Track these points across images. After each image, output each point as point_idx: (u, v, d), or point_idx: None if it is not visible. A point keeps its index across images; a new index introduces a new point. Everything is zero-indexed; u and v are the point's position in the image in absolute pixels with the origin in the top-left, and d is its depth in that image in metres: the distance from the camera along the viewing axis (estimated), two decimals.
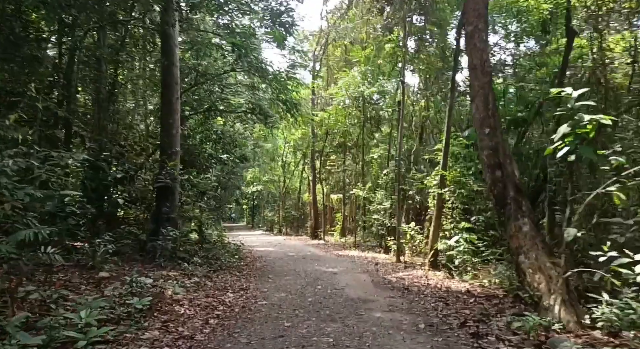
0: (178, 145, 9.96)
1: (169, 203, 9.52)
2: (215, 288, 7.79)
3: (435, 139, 17.05)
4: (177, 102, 9.88)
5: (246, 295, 7.50)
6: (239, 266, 11.16)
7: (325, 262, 12.40)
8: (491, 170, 6.08)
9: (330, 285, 8.54)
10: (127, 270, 7.71)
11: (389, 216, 15.16)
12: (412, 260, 12.13)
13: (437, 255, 10.33)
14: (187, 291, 7.09)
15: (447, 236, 10.60)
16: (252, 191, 39.81)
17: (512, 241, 5.67)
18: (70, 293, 5.82)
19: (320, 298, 7.19)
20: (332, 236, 22.98)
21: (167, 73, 9.79)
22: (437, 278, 9.21)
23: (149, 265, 8.37)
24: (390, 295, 7.39)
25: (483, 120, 6.27)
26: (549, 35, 10.36)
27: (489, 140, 6.16)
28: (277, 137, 34.46)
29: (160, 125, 10.13)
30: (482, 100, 6.31)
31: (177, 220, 9.76)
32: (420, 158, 16.36)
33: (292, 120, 16.08)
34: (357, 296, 7.34)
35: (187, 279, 7.83)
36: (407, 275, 9.62)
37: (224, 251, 12.34)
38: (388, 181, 16.08)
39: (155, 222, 9.38)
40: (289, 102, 15.23)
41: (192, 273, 8.22)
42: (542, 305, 4.96)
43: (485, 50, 6.55)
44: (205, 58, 15.18)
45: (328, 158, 24.97)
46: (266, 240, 23.41)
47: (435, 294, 7.45)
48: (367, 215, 18.83)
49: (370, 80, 16.93)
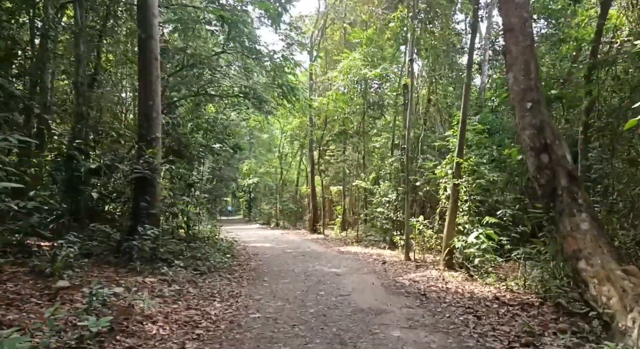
0: (159, 130, 8.73)
1: (148, 196, 8.32)
2: (200, 296, 6.63)
3: (443, 126, 15.88)
4: (157, 82, 8.64)
5: (236, 305, 6.35)
6: (231, 266, 10.01)
7: (326, 260, 11.27)
8: (535, 153, 4.92)
9: (335, 289, 7.40)
10: (94, 276, 6.54)
11: (394, 209, 14.02)
12: (422, 258, 11.01)
13: (453, 253, 9.21)
14: (164, 302, 5.93)
15: (462, 232, 9.49)
16: (248, 183, 38.63)
17: (566, 242, 4.53)
18: (13, 310, 4.66)
19: (324, 309, 6.05)
20: (332, 230, 21.86)
21: (145, 48, 8.53)
22: (456, 280, 8.09)
23: (123, 269, 7.19)
24: (407, 304, 6.26)
25: (524, 92, 5.08)
26: (579, 4, 9.12)
27: (532, 117, 4.98)
28: (274, 127, 33.26)
29: (138, 108, 8.89)
30: (522, 69, 5.12)
31: (158, 216, 8.57)
32: (425, 147, 15.20)
33: (289, 106, 14.84)
34: (367, 305, 6.21)
35: (166, 286, 6.66)
36: (420, 276, 8.50)
37: (215, 249, 11.18)
38: (392, 171, 14.93)
39: (133, 219, 8.19)
40: (285, 86, 14.01)
41: (173, 278, 7.05)
42: (615, 327, 3.83)
43: (526, 6, 5.33)
44: (194, 39, 13.92)
45: (327, 148, 23.77)
46: (263, 234, 22.27)
47: (460, 302, 6.33)
48: (369, 208, 17.69)
49: (372, 62, 15.66)
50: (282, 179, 31.85)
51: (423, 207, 15.22)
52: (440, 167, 10.82)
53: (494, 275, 7.90)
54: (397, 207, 14.02)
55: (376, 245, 14.98)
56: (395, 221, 14.15)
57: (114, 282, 6.40)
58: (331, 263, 10.63)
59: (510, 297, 6.60)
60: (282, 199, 30.86)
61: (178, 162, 13.24)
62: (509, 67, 5.32)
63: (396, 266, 9.98)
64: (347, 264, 10.52)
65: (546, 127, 4.91)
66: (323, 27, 23.60)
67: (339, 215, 22.13)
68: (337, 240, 17.70)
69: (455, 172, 9.23)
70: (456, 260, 9.29)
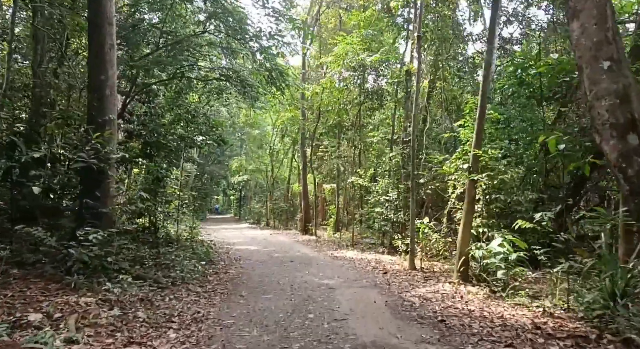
0: (114, 111, 7.14)
1: (98, 192, 6.74)
2: (152, 322, 5.04)
3: (448, 118, 14.42)
4: (112, 52, 7.04)
5: (197, 335, 4.79)
6: (205, 275, 8.46)
7: (318, 268, 9.74)
8: (618, 133, 3.45)
9: (328, 310, 5.88)
10: (12, 296, 4.96)
11: (395, 209, 12.53)
12: (429, 266, 9.53)
13: (469, 263, 7.72)
14: (96, 334, 4.36)
15: (476, 237, 8.03)
16: (238, 181, 37.02)
17: None
18: None
19: (312, 343, 4.52)
20: (325, 230, 20.33)
21: (95, 9, 6.93)
22: (476, 297, 6.59)
23: (55, 285, 5.60)
24: (423, 336, 4.74)
25: (598, 48, 3.60)
26: None
27: (611, 81, 3.50)
28: (265, 122, 31.66)
29: (88, 83, 7.28)
30: (594, 15, 3.64)
31: (112, 216, 6.98)
32: (429, 141, 13.72)
33: (278, 93, 13.26)
34: (371, 338, 4.68)
35: (106, 308, 5.09)
36: (432, 292, 6.99)
37: (189, 255, 9.62)
38: (393, 167, 13.43)
39: (77, 220, 6.61)
40: (274, 70, 12.45)
41: (119, 298, 5.47)
42: None
43: None
44: (174, 20, 12.31)
45: (320, 143, 22.23)
46: (251, 235, 20.70)
47: (491, 332, 4.82)
48: (364, 207, 16.20)
49: (370, 46, 14.13)
50: (273, 177, 30.27)
51: (421, 206, 13.75)
52: (449, 161, 9.36)
53: (524, 293, 6.43)
54: (397, 207, 12.54)
55: (373, 248, 13.48)
56: (395, 223, 12.67)
57: (35, 305, 4.83)
58: (323, 272, 9.10)
59: (554, 325, 5.11)
60: (273, 198, 29.29)
61: (156, 156, 11.69)
62: (573, 14, 3.83)
63: (400, 276, 8.47)
64: (342, 273, 9.01)
65: (632, 95, 3.43)
66: (317, 14, 22.08)
67: (333, 214, 20.61)
68: (330, 242, 16.17)
69: (472, 166, 7.74)
70: (472, 271, 7.81)
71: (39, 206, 7.57)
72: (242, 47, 12.34)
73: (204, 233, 18.87)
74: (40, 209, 7.71)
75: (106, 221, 6.84)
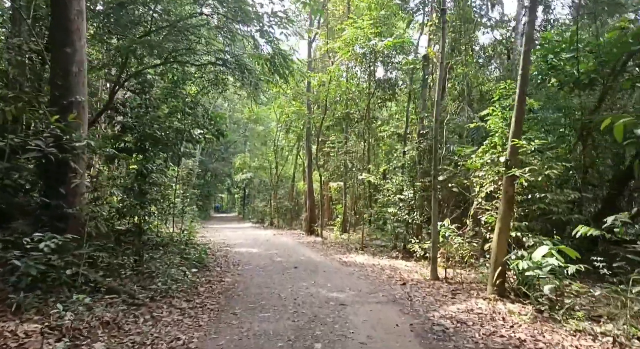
0: (83, 92, 5.96)
1: (63, 189, 5.59)
2: None
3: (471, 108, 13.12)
4: (79, 20, 5.86)
5: None
6: (195, 285, 7.30)
7: (325, 277, 8.54)
8: None
9: (339, 338, 4.68)
10: None
11: (410, 209, 11.29)
12: (454, 275, 8.30)
13: (506, 275, 6.48)
14: None
15: (512, 245, 6.79)
16: (242, 178, 35.94)
17: None
18: None
19: None
20: (331, 231, 19.13)
21: None
22: (521, 319, 5.36)
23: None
24: None
25: None
26: None
27: None
28: (270, 118, 30.54)
29: (50, 57, 6.11)
30: None
31: (79, 218, 5.81)
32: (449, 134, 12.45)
33: (281, 82, 12.05)
34: None
35: (53, 339, 3.92)
36: (465, 312, 5.76)
37: (179, 260, 8.47)
38: (408, 163, 12.18)
39: (33, 223, 5.46)
40: (277, 55, 11.24)
41: (72, 323, 4.29)
42: None
43: None
44: None
45: (326, 139, 21.00)
46: (253, 235, 19.55)
47: None
48: (374, 207, 14.98)
49: (382, 30, 12.88)
50: (278, 174, 29.10)
51: (441, 207, 12.50)
52: (475, 155, 8.12)
53: (581, 315, 5.20)
54: (413, 207, 11.30)
55: (386, 252, 12.26)
56: (410, 225, 11.45)
57: None
58: (332, 282, 7.90)
59: None
60: (277, 196, 28.12)
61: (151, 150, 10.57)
62: None
63: (423, 289, 7.24)
64: (353, 283, 7.80)
65: None
66: (325, 1, 20.82)
67: (339, 214, 19.40)
68: (337, 244, 14.96)
69: (511, 159, 6.49)
70: (509, 285, 6.57)
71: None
72: (242, 30, 11.18)
73: (204, 233, 17.88)
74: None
75: (73, 224, 5.70)
